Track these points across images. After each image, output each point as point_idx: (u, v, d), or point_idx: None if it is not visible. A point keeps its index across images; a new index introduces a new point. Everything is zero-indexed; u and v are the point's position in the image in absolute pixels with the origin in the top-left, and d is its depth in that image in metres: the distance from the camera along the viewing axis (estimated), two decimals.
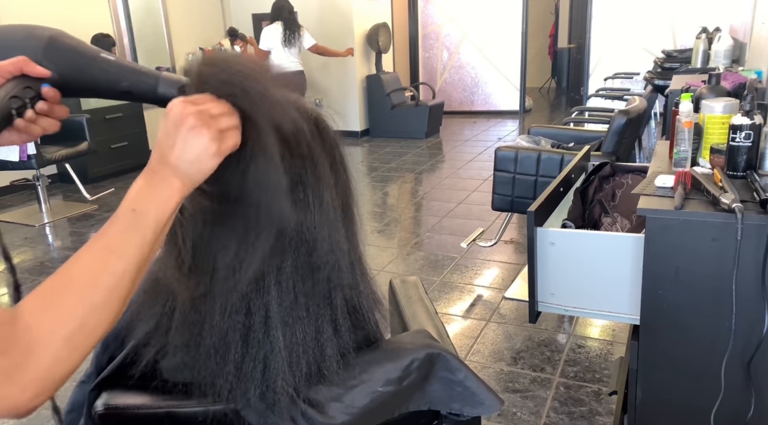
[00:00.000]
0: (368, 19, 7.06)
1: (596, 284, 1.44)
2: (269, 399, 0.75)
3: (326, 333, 0.77)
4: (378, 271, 3.33)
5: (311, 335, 0.76)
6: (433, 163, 5.95)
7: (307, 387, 0.77)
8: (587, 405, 2.10)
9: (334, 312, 0.78)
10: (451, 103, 8.40)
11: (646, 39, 6.42)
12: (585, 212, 1.79)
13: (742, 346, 1.29)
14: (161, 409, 0.78)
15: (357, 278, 0.82)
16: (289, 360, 0.75)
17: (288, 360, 0.75)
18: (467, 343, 2.55)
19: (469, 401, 0.86)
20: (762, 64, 3.04)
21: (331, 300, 0.78)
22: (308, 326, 0.76)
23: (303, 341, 0.75)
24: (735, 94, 1.66)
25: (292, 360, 0.75)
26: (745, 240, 1.21)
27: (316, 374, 0.77)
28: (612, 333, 2.58)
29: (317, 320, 0.77)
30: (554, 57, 10.82)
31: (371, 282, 0.86)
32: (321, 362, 0.77)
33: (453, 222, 4.11)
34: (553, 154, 2.89)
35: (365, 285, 0.83)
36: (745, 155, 1.39)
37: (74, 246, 3.94)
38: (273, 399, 0.75)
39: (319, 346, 0.77)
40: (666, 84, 3.75)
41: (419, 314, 1.09)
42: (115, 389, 0.82)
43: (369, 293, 0.84)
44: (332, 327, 0.78)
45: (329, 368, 0.77)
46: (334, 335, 0.78)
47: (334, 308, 0.78)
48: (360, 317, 0.83)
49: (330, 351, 0.77)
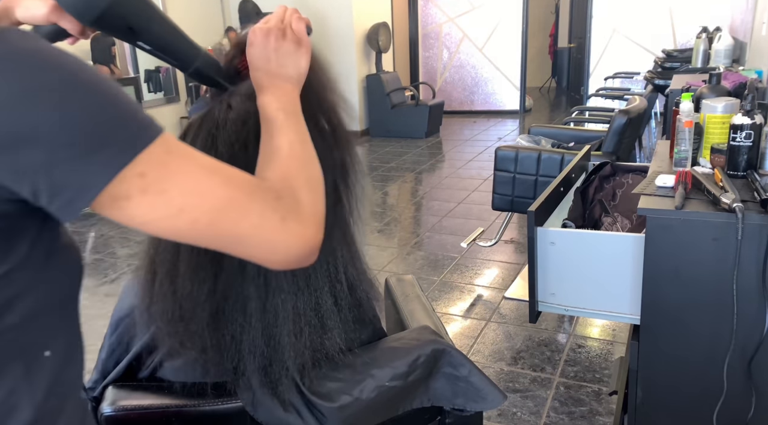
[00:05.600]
0: (368, 19, 7.05)
1: (596, 284, 1.44)
2: (274, 374, 0.75)
3: (326, 305, 0.78)
4: (378, 271, 3.33)
5: (311, 306, 0.77)
6: (433, 163, 5.95)
7: (312, 364, 0.77)
8: (587, 405, 2.10)
9: (333, 286, 0.79)
10: (451, 102, 8.39)
11: (647, 39, 6.42)
12: (585, 212, 1.79)
13: (742, 346, 1.29)
14: (170, 409, 0.78)
15: (354, 255, 0.82)
16: (293, 330, 0.75)
17: (292, 331, 0.75)
18: (467, 343, 2.55)
19: (473, 396, 0.87)
20: (762, 63, 3.04)
21: (329, 274, 0.78)
22: (308, 297, 0.76)
23: (304, 312, 0.76)
24: (735, 94, 1.66)
25: (295, 331, 0.75)
26: (745, 240, 1.21)
27: (319, 348, 0.77)
28: (612, 333, 2.58)
29: (317, 291, 0.77)
30: (554, 57, 10.82)
31: (365, 264, 0.87)
32: (323, 334, 0.77)
33: (453, 222, 4.11)
34: (553, 154, 2.89)
35: (359, 264, 0.84)
36: (745, 154, 1.39)
37: None
38: (278, 374, 0.75)
39: (320, 318, 0.77)
40: (666, 84, 3.74)
41: (417, 311, 1.09)
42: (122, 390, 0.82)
43: (363, 273, 0.85)
44: (332, 300, 0.79)
45: (330, 340, 0.78)
46: (334, 306, 0.79)
47: (333, 281, 0.79)
48: (358, 295, 0.84)
49: (331, 324, 0.78)
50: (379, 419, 0.84)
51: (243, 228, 0.57)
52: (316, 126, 0.80)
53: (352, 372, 0.80)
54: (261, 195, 0.59)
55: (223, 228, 0.56)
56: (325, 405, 0.76)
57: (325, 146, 0.80)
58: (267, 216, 0.58)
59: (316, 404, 0.76)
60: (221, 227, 0.56)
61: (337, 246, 0.80)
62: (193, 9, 6.59)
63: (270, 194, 0.60)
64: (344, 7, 6.81)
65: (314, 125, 0.78)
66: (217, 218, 0.55)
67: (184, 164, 0.54)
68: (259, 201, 0.58)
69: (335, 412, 0.77)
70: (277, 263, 0.61)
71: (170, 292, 0.76)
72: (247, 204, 0.57)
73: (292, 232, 0.60)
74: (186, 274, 0.75)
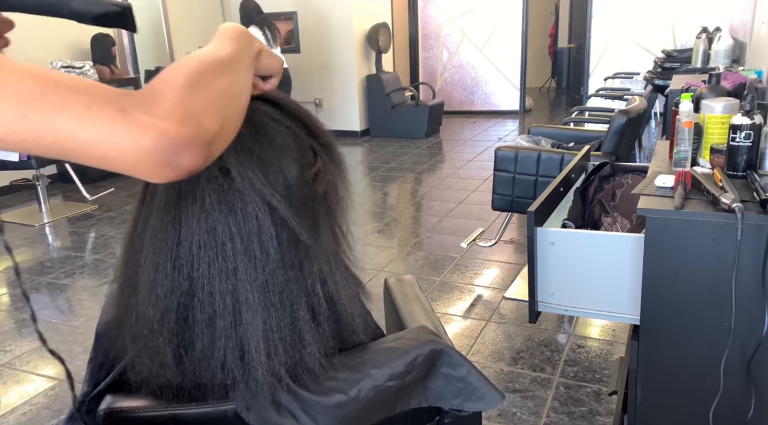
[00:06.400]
0: (368, 19, 7.05)
1: (596, 284, 1.44)
2: (252, 389, 0.74)
3: (303, 319, 0.75)
4: (378, 271, 3.33)
5: (286, 322, 0.74)
6: (433, 163, 5.95)
7: (293, 379, 0.76)
8: (587, 405, 2.10)
9: (310, 300, 0.77)
10: (451, 103, 8.40)
11: (646, 39, 6.42)
12: (585, 212, 1.79)
13: (742, 346, 1.29)
14: (166, 411, 0.78)
15: (332, 268, 0.80)
16: (266, 347, 0.73)
17: (265, 349, 0.73)
18: (467, 343, 2.55)
19: (471, 396, 0.87)
20: (762, 64, 3.04)
21: (305, 287, 0.76)
22: (282, 313, 0.74)
23: (278, 327, 0.73)
24: (735, 94, 1.66)
25: (269, 349, 0.73)
26: (745, 240, 1.21)
27: (299, 362, 0.76)
28: (612, 333, 2.58)
29: (292, 305, 0.75)
30: (554, 57, 10.82)
31: (354, 278, 0.84)
32: (302, 349, 0.75)
33: (453, 222, 4.11)
34: (553, 154, 2.89)
35: (343, 279, 0.81)
36: (745, 154, 1.39)
37: (74, 246, 3.94)
38: (255, 389, 0.74)
39: (297, 332, 0.75)
40: (666, 84, 3.75)
41: (416, 311, 1.09)
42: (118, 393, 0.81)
43: (346, 286, 0.82)
44: (310, 314, 0.76)
45: (310, 355, 0.75)
46: (312, 321, 0.76)
47: (309, 295, 0.76)
48: (336, 309, 0.81)
49: (309, 338, 0.76)
50: (375, 419, 0.84)
51: (64, 122, 0.51)
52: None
53: (350, 371, 0.80)
54: (90, 90, 0.53)
55: (38, 124, 0.51)
56: (321, 402, 0.76)
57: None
58: (97, 107, 0.52)
59: (312, 403, 0.76)
60: (34, 123, 0.51)
61: (319, 261, 0.78)
62: (193, 9, 6.60)
63: (109, 90, 0.54)
64: (344, 7, 6.81)
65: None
66: (26, 112, 0.50)
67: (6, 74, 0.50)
68: (86, 94, 0.53)
69: (331, 411, 0.76)
70: (140, 166, 0.54)
71: (132, 305, 0.74)
72: (68, 96, 0.52)
73: (135, 122, 0.53)
74: (146, 288, 0.72)
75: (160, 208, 0.72)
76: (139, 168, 0.55)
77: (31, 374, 2.42)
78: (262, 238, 0.71)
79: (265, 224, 0.71)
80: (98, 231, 4.17)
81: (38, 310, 3.02)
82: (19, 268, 0.72)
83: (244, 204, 0.70)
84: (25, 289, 0.72)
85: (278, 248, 0.72)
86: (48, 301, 3.13)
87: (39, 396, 2.26)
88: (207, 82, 0.60)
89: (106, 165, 0.55)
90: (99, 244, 3.95)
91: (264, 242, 0.72)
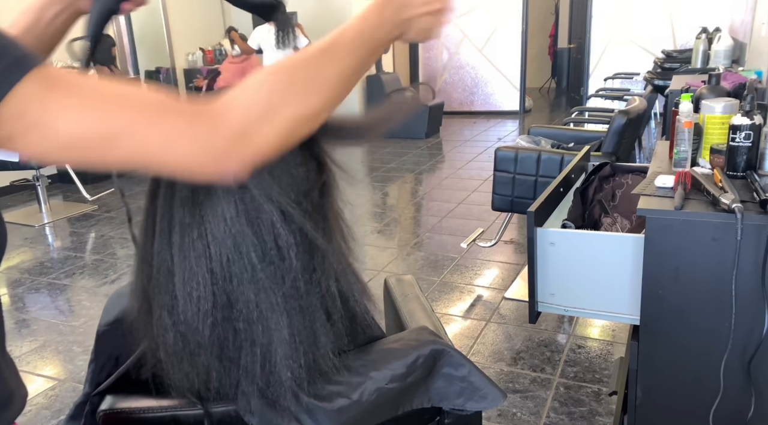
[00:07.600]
0: None
1: (596, 284, 1.44)
2: (271, 395, 0.75)
3: (319, 321, 0.76)
4: (378, 271, 3.33)
5: (306, 326, 0.75)
6: (433, 163, 5.95)
7: (308, 381, 0.76)
8: (587, 405, 2.10)
9: (325, 300, 0.78)
10: (451, 103, 8.39)
11: (646, 39, 6.42)
12: (585, 213, 1.79)
13: (742, 346, 1.29)
14: (166, 412, 0.78)
15: (344, 267, 0.81)
16: (288, 351, 0.74)
17: (289, 354, 0.74)
18: (467, 343, 2.55)
19: (473, 396, 0.87)
20: (762, 64, 3.04)
21: (320, 289, 0.77)
22: (302, 317, 0.75)
23: (299, 332, 0.75)
24: (735, 95, 1.66)
25: (291, 352, 0.74)
26: (745, 240, 1.21)
27: (312, 365, 0.76)
28: (612, 333, 2.58)
29: (311, 309, 0.76)
30: (554, 57, 10.82)
31: (359, 275, 0.85)
32: (315, 351, 0.76)
33: (453, 222, 4.11)
34: (553, 154, 2.89)
35: (352, 276, 0.83)
36: (744, 155, 1.39)
37: (74, 246, 3.94)
38: (275, 394, 0.75)
39: (313, 335, 0.76)
40: (666, 84, 3.75)
41: (416, 311, 1.09)
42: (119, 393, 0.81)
43: (356, 283, 0.83)
44: (326, 315, 0.78)
45: (324, 357, 0.76)
46: (327, 322, 0.78)
47: (324, 297, 0.77)
48: (351, 307, 0.82)
49: (324, 340, 0.77)
50: (378, 420, 0.84)
51: (148, 150, 0.55)
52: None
53: (351, 374, 0.80)
54: (167, 110, 0.56)
55: (120, 154, 0.54)
56: (324, 407, 0.76)
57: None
58: (173, 127, 0.56)
59: (315, 408, 0.76)
60: (119, 154, 0.54)
61: (332, 261, 0.79)
62: (193, 9, 6.60)
63: (184, 106, 0.57)
64: (344, 8, 6.81)
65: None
66: (111, 147, 0.53)
67: (68, 97, 0.52)
68: (165, 117, 0.56)
69: (334, 415, 0.77)
70: (194, 172, 0.59)
71: (170, 325, 0.74)
72: (146, 126, 0.54)
73: (197, 135, 0.56)
74: (186, 306, 0.73)
75: (184, 224, 0.72)
76: (200, 173, 0.60)
77: (31, 374, 2.42)
78: (280, 245, 0.72)
79: (282, 232, 0.72)
80: (98, 231, 4.17)
81: (38, 310, 3.02)
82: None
83: (259, 214, 0.71)
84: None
85: (297, 255, 0.73)
86: (48, 301, 3.13)
87: (39, 397, 2.26)
88: (282, 109, 0.62)
89: (164, 172, 0.61)
90: (99, 244, 3.95)
91: (282, 249, 0.72)
